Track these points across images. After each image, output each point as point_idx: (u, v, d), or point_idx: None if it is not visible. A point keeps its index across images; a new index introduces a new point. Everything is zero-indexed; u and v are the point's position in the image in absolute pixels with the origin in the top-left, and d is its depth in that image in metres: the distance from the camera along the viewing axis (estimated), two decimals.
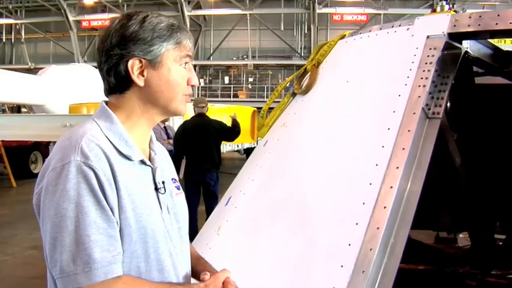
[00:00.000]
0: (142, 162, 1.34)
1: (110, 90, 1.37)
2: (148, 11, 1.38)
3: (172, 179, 1.49)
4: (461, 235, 4.33)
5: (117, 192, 1.22)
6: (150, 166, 1.37)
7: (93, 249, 1.15)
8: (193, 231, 6.34)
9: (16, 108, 21.77)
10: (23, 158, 13.87)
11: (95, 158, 1.20)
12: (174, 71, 1.34)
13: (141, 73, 1.33)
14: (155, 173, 1.37)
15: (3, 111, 20.22)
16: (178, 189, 1.50)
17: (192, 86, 1.37)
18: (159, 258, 1.31)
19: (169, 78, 1.34)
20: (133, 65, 1.32)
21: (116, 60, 1.32)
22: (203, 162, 6.68)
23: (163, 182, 1.39)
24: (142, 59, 1.32)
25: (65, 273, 1.14)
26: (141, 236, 1.27)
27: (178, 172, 6.55)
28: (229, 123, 7.24)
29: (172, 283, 1.34)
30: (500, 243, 3.95)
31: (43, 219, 1.21)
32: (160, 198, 1.36)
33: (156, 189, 1.36)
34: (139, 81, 1.33)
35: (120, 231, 1.23)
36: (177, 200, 1.46)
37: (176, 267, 1.37)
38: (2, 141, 12.86)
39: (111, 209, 1.20)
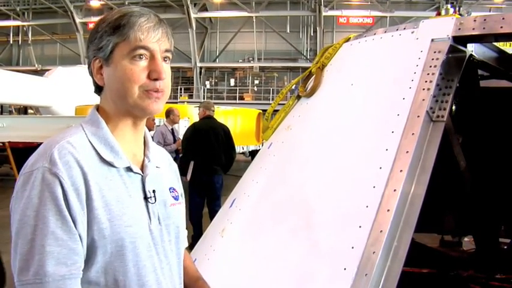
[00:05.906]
0: (129, 169, 1.28)
1: (98, 94, 1.36)
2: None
3: (170, 188, 1.40)
4: (466, 239, 4.33)
5: (89, 203, 1.17)
6: (139, 174, 1.30)
7: (46, 261, 1.10)
8: (199, 234, 6.35)
9: (23, 110, 21.89)
10: None
11: (64, 165, 1.15)
12: (122, 66, 1.25)
13: (101, 73, 1.29)
14: (145, 181, 1.30)
15: (10, 112, 20.32)
16: (176, 199, 1.41)
17: (156, 79, 1.25)
18: (140, 273, 1.24)
19: (117, 74, 1.25)
20: (94, 66, 1.29)
21: (88, 64, 1.33)
22: (210, 164, 6.69)
23: (153, 191, 1.31)
24: (99, 59, 1.28)
25: (19, 281, 1.11)
26: (118, 249, 1.20)
27: (185, 174, 6.57)
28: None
29: None
30: (505, 247, 3.94)
31: (11, 224, 1.16)
32: (149, 208, 1.29)
33: (146, 198, 1.29)
34: (99, 81, 1.30)
35: (93, 242, 1.17)
36: (172, 211, 1.37)
37: (160, 283, 1.29)
38: (9, 142, 12.92)
39: (74, 221, 1.14)
